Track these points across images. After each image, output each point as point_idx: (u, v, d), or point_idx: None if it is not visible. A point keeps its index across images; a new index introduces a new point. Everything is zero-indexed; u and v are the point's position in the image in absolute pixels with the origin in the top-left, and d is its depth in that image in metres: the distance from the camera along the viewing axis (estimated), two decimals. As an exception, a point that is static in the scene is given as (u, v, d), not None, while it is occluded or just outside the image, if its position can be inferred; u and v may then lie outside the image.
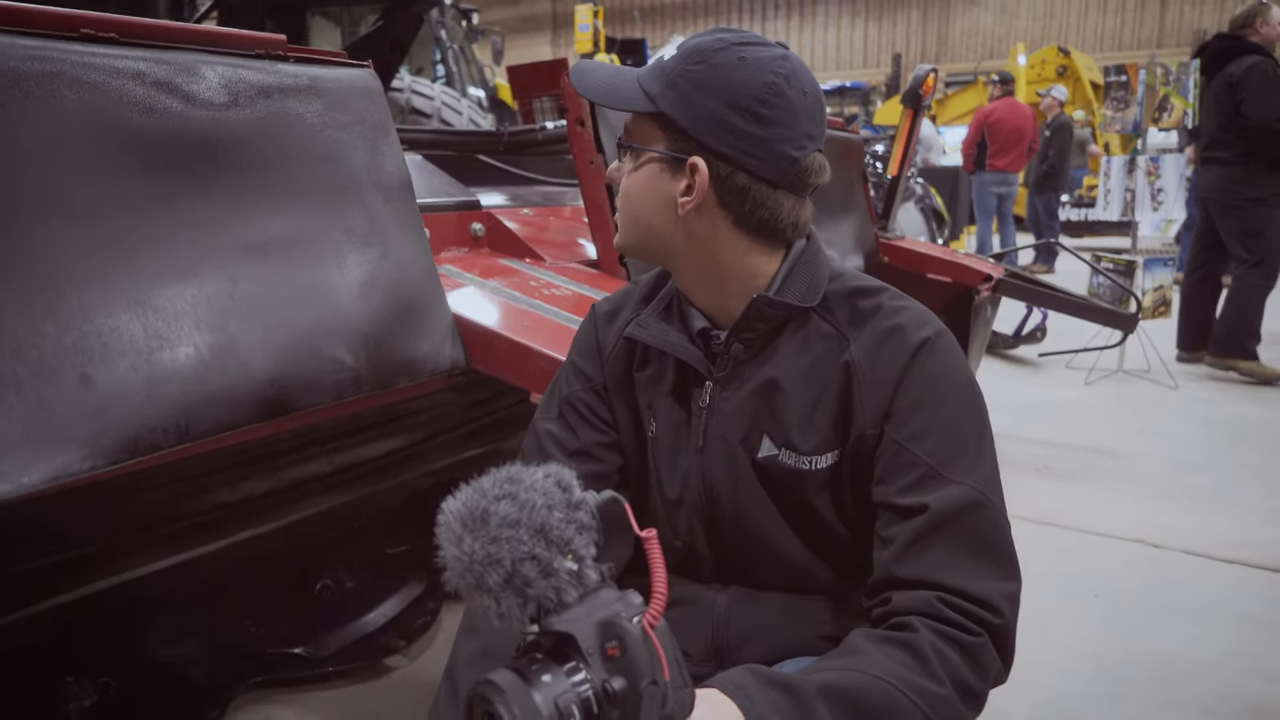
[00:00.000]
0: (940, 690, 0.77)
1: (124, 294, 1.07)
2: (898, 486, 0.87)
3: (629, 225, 0.97)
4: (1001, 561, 0.85)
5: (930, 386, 0.88)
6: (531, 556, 0.60)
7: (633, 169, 0.94)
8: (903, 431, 0.88)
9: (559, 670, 0.60)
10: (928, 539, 0.83)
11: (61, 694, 1.66)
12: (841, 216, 2.99)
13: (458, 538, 0.62)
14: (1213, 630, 2.09)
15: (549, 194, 2.65)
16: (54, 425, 0.97)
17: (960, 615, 0.80)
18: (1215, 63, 4.33)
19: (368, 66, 1.47)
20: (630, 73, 0.94)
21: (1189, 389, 4.32)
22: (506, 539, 0.61)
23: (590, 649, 0.60)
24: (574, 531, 0.62)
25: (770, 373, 0.94)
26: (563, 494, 0.63)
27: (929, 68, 3.21)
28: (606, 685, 0.60)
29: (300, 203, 1.30)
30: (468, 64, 7.42)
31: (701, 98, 0.87)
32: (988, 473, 0.87)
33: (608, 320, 1.08)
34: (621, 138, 0.95)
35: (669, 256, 0.97)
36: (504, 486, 0.64)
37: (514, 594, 0.60)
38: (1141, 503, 2.89)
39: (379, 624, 2.02)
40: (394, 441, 2.31)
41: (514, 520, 0.61)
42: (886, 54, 21.31)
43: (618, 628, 0.61)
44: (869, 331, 0.92)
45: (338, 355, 1.29)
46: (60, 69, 1.05)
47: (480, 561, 0.61)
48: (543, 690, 0.58)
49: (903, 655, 0.78)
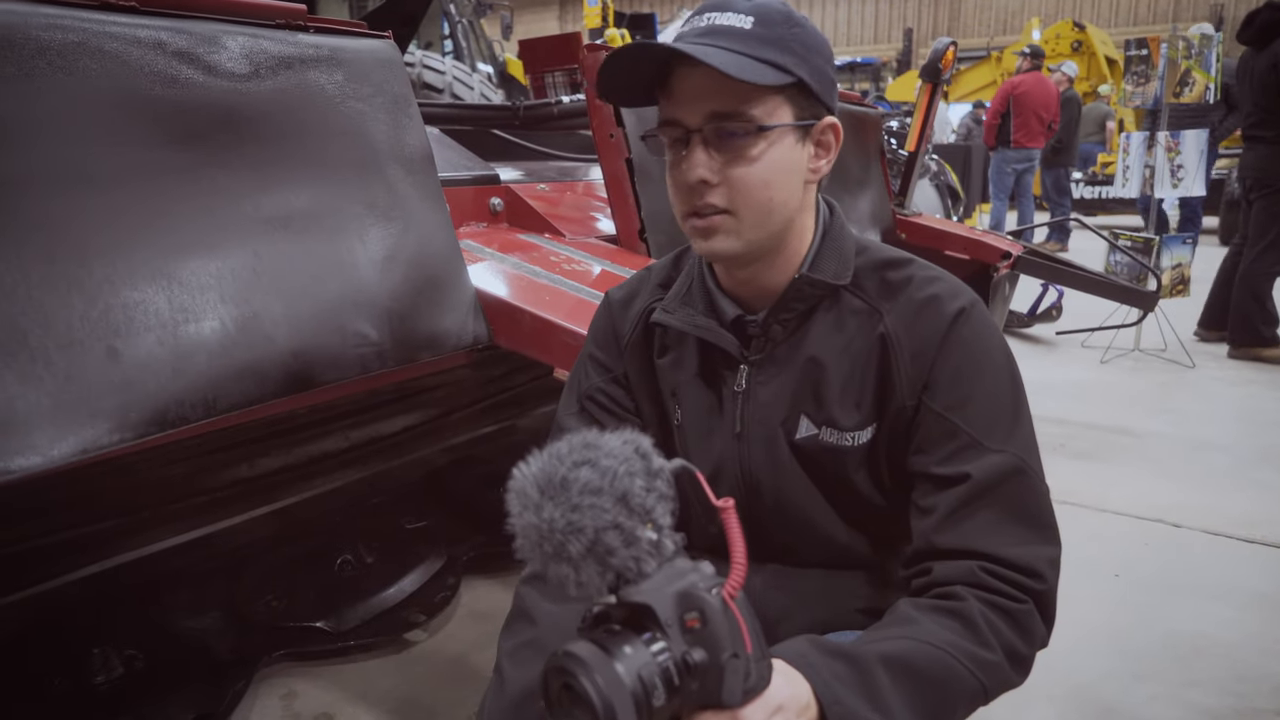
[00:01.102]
0: (993, 657, 0.77)
1: (148, 266, 1.06)
2: (937, 456, 0.87)
3: (761, 217, 0.86)
4: (1042, 527, 0.85)
5: (968, 356, 0.88)
6: (615, 525, 0.58)
7: (764, 150, 0.84)
8: (941, 401, 0.87)
9: (638, 641, 0.59)
10: (969, 507, 0.83)
11: (88, 666, 1.67)
12: (859, 193, 2.96)
13: (536, 505, 0.59)
14: (1232, 610, 2.08)
15: (564, 169, 2.63)
16: (83, 398, 0.96)
17: (1004, 583, 0.80)
18: (1264, 35, 4.15)
19: (388, 37, 1.45)
20: (724, 46, 0.82)
21: (1206, 368, 4.28)
22: (589, 506, 0.58)
23: (669, 620, 0.59)
24: (654, 500, 0.60)
25: (808, 352, 0.93)
26: (642, 461, 0.61)
27: (948, 41, 3.16)
28: (687, 656, 0.59)
29: (322, 175, 1.28)
30: (477, 39, 7.35)
31: (818, 61, 0.86)
32: (1026, 439, 0.87)
33: (624, 307, 1.05)
34: (722, 128, 0.83)
35: (778, 240, 0.90)
36: (582, 453, 0.61)
37: (595, 563, 0.59)
38: (1160, 482, 2.88)
39: (399, 599, 2.03)
40: (411, 418, 2.32)
41: (596, 487, 0.59)
42: (898, 29, 21.09)
43: (698, 599, 0.59)
44: (903, 303, 0.91)
45: (361, 329, 1.28)
46: (82, 39, 1.04)
47: (561, 530, 0.58)
48: (625, 661, 0.57)
49: (954, 624, 0.78)
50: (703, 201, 0.85)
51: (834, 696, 0.70)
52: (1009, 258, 3.01)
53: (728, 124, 0.83)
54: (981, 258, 3.05)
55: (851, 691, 0.71)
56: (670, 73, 0.85)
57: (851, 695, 0.71)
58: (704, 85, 0.83)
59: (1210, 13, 17.81)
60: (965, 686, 0.76)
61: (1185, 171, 4.49)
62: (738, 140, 0.83)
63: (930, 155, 5.86)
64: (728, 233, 0.86)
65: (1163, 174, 4.52)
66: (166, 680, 1.71)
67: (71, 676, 1.66)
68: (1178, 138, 4.50)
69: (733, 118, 0.83)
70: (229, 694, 1.70)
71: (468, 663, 1.92)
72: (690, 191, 0.86)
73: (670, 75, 0.85)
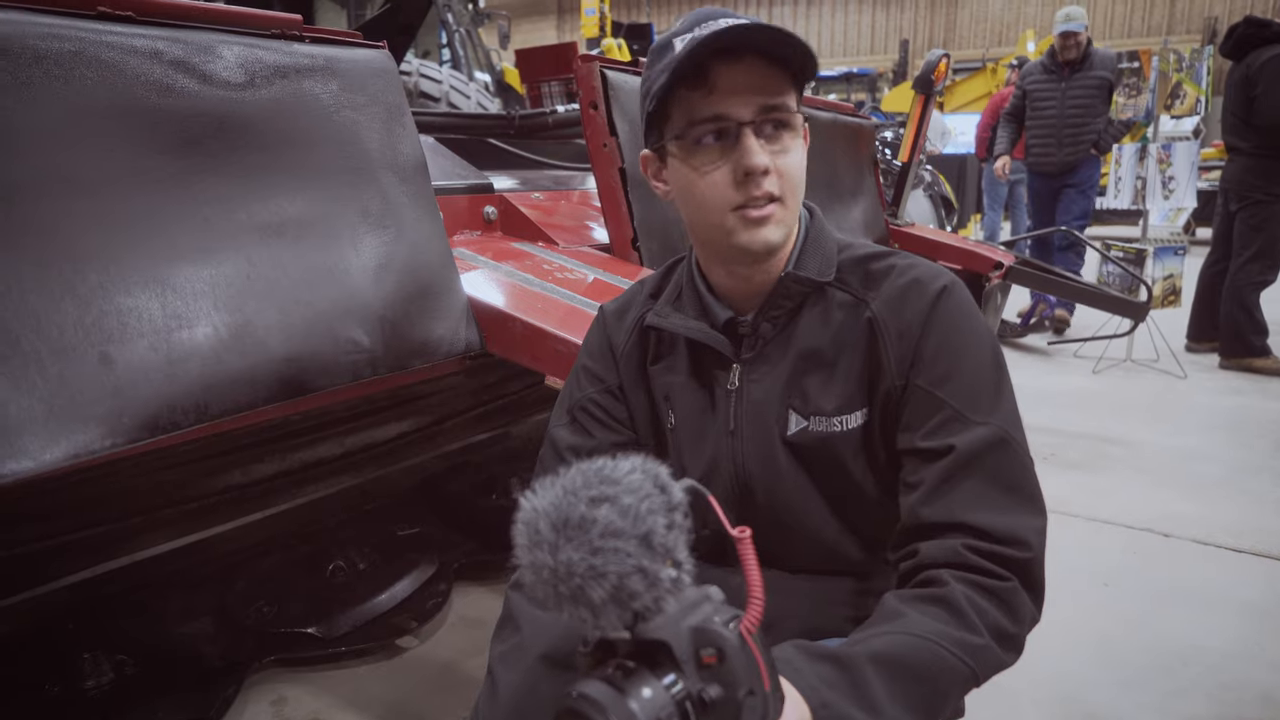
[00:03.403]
0: (980, 640, 0.78)
1: (142, 273, 1.07)
2: (923, 431, 0.88)
3: (797, 205, 0.93)
4: (1027, 497, 0.86)
5: (952, 331, 0.90)
6: (639, 569, 0.55)
7: (798, 140, 0.90)
8: (927, 377, 0.89)
9: (652, 678, 0.56)
10: (954, 479, 0.85)
11: (78, 671, 1.67)
12: (852, 203, 2.98)
13: (551, 545, 0.56)
14: (1221, 619, 2.09)
15: (559, 178, 2.64)
16: (75, 403, 0.97)
17: (988, 560, 0.81)
18: (1240, 49, 4.24)
19: (383, 47, 1.46)
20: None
21: (1197, 379, 4.31)
22: (612, 550, 0.55)
23: (684, 656, 0.57)
24: (675, 537, 0.57)
25: (798, 348, 0.95)
26: (662, 496, 0.58)
27: (941, 53, 3.18)
28: (703, 694, 0.56)
29: (316, 184, 1.29)
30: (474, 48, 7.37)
31: None
32: (1009, 412, 0.89)
33: (618, 318, 1.08)
34: (774, 118, 0.88)
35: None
36: (600, 488, 0.57)
37: (616, 607, 0.55)
38: (1150, 491, 2.89)
39: (390, 605, 2.03)
40: (404, 425, 2.32)
41: (618, 530, 0.55)
42: (894, 40, 21.17)
43: (715, 635, 0.57)
44: (887, 289, 0.94)
45: (354, 336, 1.29)
46: (79, 48, 1.05)
47: (582, 574, 0.55)
48: (640, 703, 0.55)
49: (939, 611, 0.79)
50: (761, 191, 0.88)
51: (821, 700, 0.71)
52: (1001, 268, 3.03)
53: (778, 114, 0.87)
54: (974, 268, 3.07)
55: (839, 694, 0.72)
56: (708, 69, 0.86)
57: (839, 697, 0.72)
58: (753, 79, 0.86)
59: (1204, 26, 17.93)
60: (955, 674, 0.77)
61: (1176, 183, 4.52)
62: (783, 130, 0.88)
63: (924, 166, 5.90)
64: (778, 222, 0.90)
65: (1154, 185, 4.55)
66: (157, 685, 1.71)
67: (62, 681, 1.66)
68: (1169, 150, 4.53)
69: (781, 110, 0.87)
70: (219, 699, 1.70)
71: (459, 669, 1.92)
72: (748, 181, 0.87)
73: (709, 71, 0.86)
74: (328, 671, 1.90)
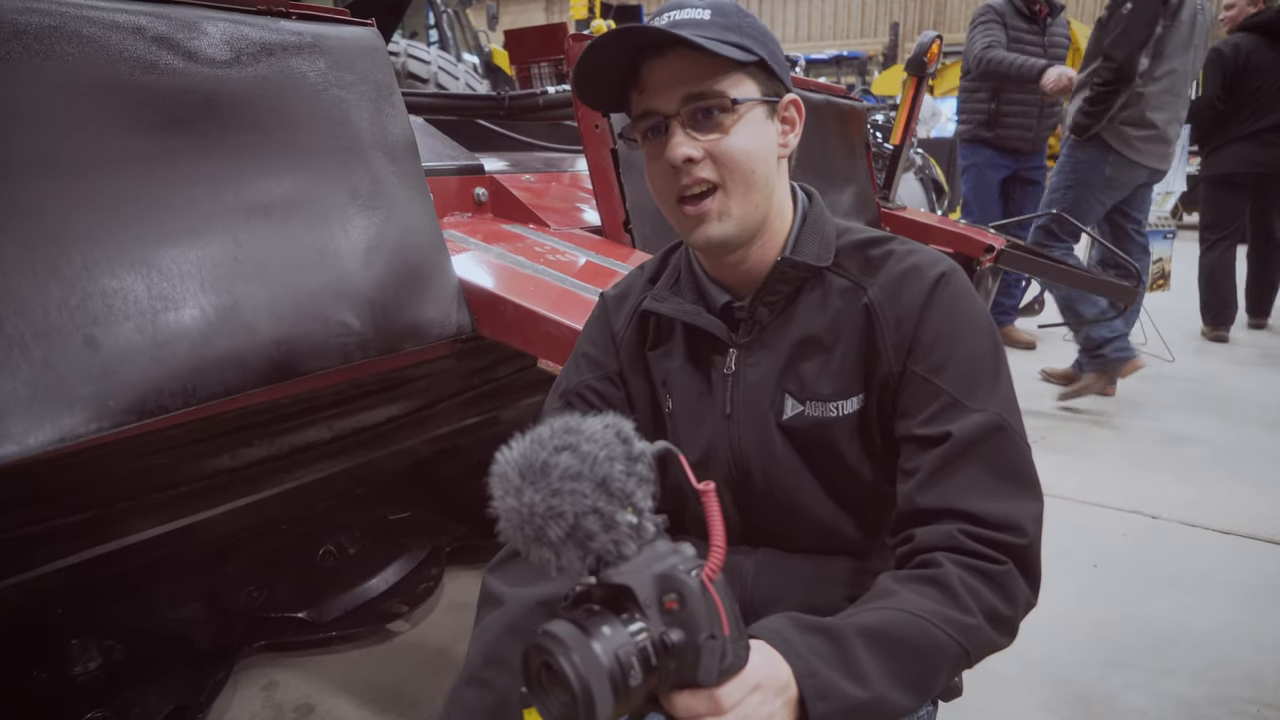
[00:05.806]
0: (972, 620, 0.79)
1: (127, 254, 1.05)
2: (920, 418, 0.88)
3: (746, 189, 0.90)
4: (1024, 483, 0.86)
5: (950, 318, 0.90)
6: (594, 510, 0.59)
7: (740, 123, 0.88)
8: (924, 364, 0.89)
9: (616, 621, 0.60)
10: (951, 466, 0.85)
11: (67, 657, 1.66)
12: (844, 186, 2.97)
13: (516, 489, 0.60)
14: (1209, 600, 2.10)
15: (550, 159, 2.62)
16: (60, 387, 0.95)
17: (983, 545, 0.82)
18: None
19: (371, 25, 1.44)
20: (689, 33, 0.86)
21: (1185, 362, 4.33)
22: (569, 492, 0.59)
23: (648, 601, 0.60)
24: (635, 484, 0.61)
25: (794, 333, 0.95)
26: (623, 445, 0.62)
27: (934, 34, 3.16)
28: (664, 637, 0.60)
29: (304, 164, 1.27)
30: (462, 29, 7.31)
31: (772, 45, 0.91)
32: (1007, 398, 0.89)
33: (618, 304, 1.08)
34: (698, 106, 0.87)
35: (762, 218, 0.93)
36: (563, 437, 0.62)
37: (575, 547, 0.60)
38: (1139, 474, 2.91)
39: (381, 590, 2.02)
40: (394, 408, 2.31)
41: (576, 473, 0.59)
42: (884, 23, 21.12)
43: (676, 581, 0.60)
44: (885, 275, 0.93)
45: (344, 318, 1.27)
46: (60, 23, 1.02)
47: (542, 514, 0.59)
48: (602, 641, 0.58)
49: (932, 591, 0.80)
50: (691, 179, 0.88)
51: (809, 669, 0.71)
52: (992, 251, 3.03)
53: (703, 102, 0.87)
54: (965, 251, 3.06)
55: (827, 664, 0.72)
56: (639, 68, 0.89)
57: (827, 667, 0.72)
58: (675, 72, 0.87)
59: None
60: (945, 652, 0.77)
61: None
62: (715, 116, 0.88)
63: (915, 149, 5.89)
64: (721, 215, 0.90)
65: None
66: (146, 671, 1.70)
67: (50, 667, 1.65)
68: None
69: (707, 96, 0.87)
70: (209, 684, 1.69)
71: (450, 653, 1.92)
72: (677, 172, 0.89)
73: (640, 71, 0.89)
74: (318, 656, 1.90)
